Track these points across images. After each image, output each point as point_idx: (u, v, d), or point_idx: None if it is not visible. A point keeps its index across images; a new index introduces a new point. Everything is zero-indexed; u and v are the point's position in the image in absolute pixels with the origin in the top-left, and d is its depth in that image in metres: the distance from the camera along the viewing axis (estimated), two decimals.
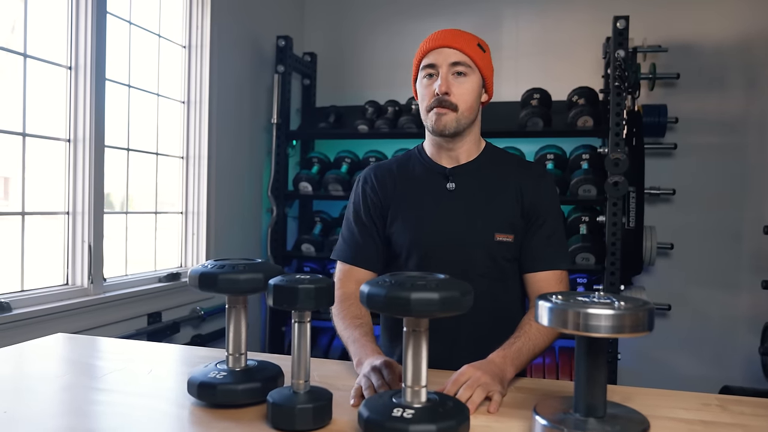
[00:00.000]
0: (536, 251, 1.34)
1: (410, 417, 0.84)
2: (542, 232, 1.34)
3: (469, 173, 1.38)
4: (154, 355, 1.37)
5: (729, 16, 3.27)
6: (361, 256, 1.40)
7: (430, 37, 1.34)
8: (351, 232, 1.43)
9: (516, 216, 1.35)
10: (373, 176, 1.44)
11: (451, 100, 1.29)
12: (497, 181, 1.37)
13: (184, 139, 2.88)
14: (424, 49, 1.33)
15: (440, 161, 1.39)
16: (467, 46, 1.30)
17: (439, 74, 1.30)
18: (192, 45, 2.88)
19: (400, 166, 1.44)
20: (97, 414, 0.99)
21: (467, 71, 1.30)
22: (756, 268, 3.18)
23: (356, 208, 1.43)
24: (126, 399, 1.05)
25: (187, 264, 2.89)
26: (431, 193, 1.38)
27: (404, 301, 0.83)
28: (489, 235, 1.33)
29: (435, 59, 1.30)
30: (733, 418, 1.00)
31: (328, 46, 3.85)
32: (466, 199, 1.35)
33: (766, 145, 3.25)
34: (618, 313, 0.83)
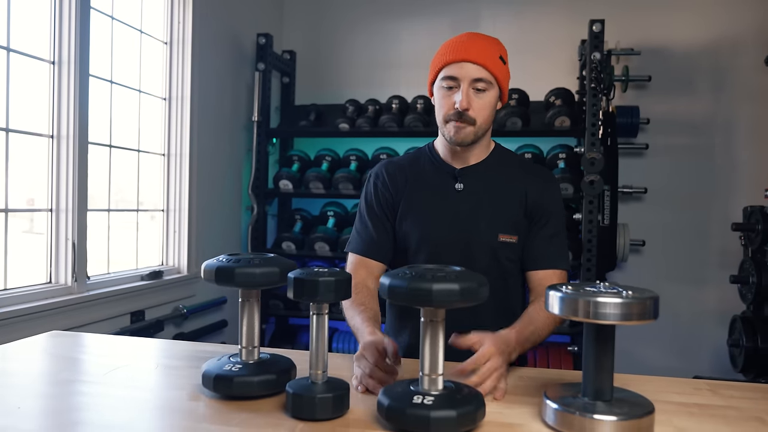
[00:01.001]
0: (539, 250, 1.38)
1: (430, 403, 0.88)
2: (545, 232, 1.39)
3: (477, 174, 1.41)
4: (154, 351, 1.37)
5: (698, 22, 3.39)
6: (374, 247, 1.43)
7: (454, 44, 1.33)
8: (364, 225, 1.46)
9: (520, 217, 1.39)
10: (385, 172, 1.47)
11: (471, 114, 1.31)
12: (504, 183, 1.41)
13: (165, 136, 2.86)
14: (446, 58, 1.33)
15: (450, 162, 1.43)
16: (489, 60, 1.31)
17: (459, 87, 1.31)
18: (173, 41, 2.85)
19: (411, 163, 1.47)
20: (113, 408, 0.99)
21: (487, 87, 1.32)
22: (722, 264, 3.32)
23: (368, 202, 1.47)
24: (138, 393, 1.06)
25: (168, 262, 2.87)
26: (440, 193, 1.41)
27: (426, 292, 0.86)
28: (493, 235, 1.37)
29: (457, 73, 1.31)
30: (725, 401, 1.06)
31: (307, 44, 3.86)
32: (472, 200, 1.39)
33: (732, 147, 3.39)
34: (626, 302, 0.87)
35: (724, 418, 0.98)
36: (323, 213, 3.52)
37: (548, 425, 0.93)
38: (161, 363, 1.25)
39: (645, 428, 0.89)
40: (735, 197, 3.32)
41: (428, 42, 3.77)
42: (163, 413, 0.96)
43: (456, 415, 0.86)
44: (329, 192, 3.35)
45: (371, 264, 1.42)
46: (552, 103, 3.22)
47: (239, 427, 0.91)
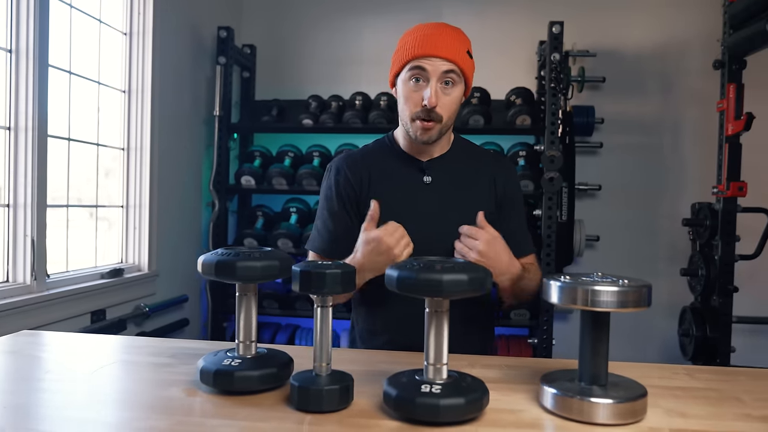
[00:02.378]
0: (511, 239, 1.39)
1: (439, 392, 0.89)
2: (514, 221, 1.44)
3: (443, 166, 1.42)
4: (134, 348, 1.33)
5: (649, 26, 3.55)
6: (334, 246, 1.41)
7: (421, 37, 1.31)
8: (324, 224, 1.44)
9: (491, 206, 1.41)
10: (347, 167, 1.44)
11: (438, 111, 1.31)
12: (471, 173, 1.42)
13: (125, 130, 2.77)
14: (414, 52, 1.30)
15: (414, 154, 1.43)
16: (458, 55, 1.31)
17: (428, 82, 1.30)
18: (133, 32, 2.77)
19: (373, 156, 1.45)
20: (109, 406, 0.96)
21: (455, 80, 1.32)
22: (671, 258, 3.48)
23: (329, 199, 1.43)
24: (132, 391, 1.03)
25: (128, 259, 2.79)
26: (408, 186, 1.41)
27: (436, 283, 0.87)
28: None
29: (427, 67, 1.29)
30: (704, 384, 1.12)
31: (267, 38, 3.81)
32: (441, 192, 1.40)
33: (679, 147, 3.56)
34: (623, 290, 0.92)
35: (707, 399, 1.04)
36: (286, 209, 3.49)
37: (547, 410, 0.96)
38: (146, 360, 1.22)
39: (639, 410, 0.93)
40: (682, 194, 3.49)
41: (390, 39, 3.75)
42: (163, 410, 0.94)
43: (464, 402, 0.89)
44: (293, 188, 3.33)
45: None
46: (513, 102, 3.30)
47: (246, 421, 0.90)
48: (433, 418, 0.88)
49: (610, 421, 0.91)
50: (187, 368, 1.15)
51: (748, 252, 2.98)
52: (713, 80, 3.11)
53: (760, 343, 3.38)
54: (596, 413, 0.91)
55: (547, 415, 0.95)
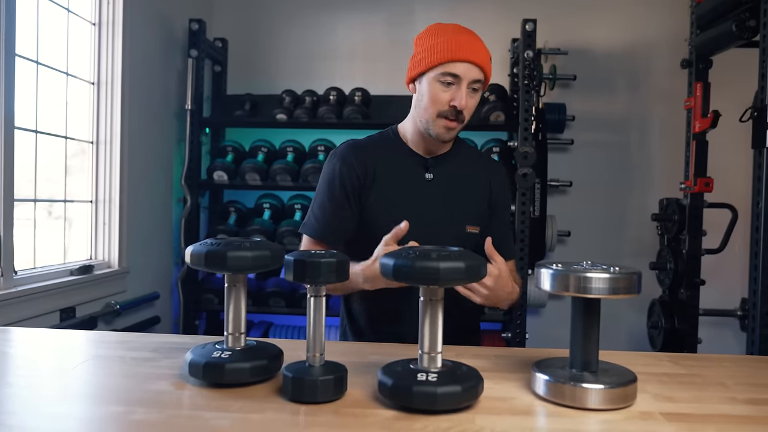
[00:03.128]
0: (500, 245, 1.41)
1: (435, 380, 0.89)
2: (502, 226, 1.48)
3: (445, 165, 1.45)
4: (113, 343, 1.29)
5: (618, 26, 3.62)
6: (329, 232, 1.42)
7: (452, 41, 1.33)
8: (322, 209, 1.44)
9: (484, 209, 1.45)
10: (353, 157, 1.44)
11: (464, 113, 1.36)
12: (469, 174, 1.46)
13: (94, 123, 2.70)
14: (449, 55, 1.32)
15: (419, 150, 1.45)
16: (486, 62, 1.35)
17: (459, 86, 1.33)
18: (102, 22, 2.69)
19: (378, 148, 1.46)
20: (97, 401, 0.94)
21: (480, 87, 1.37)
22: (639, 253, 3.56)
23: (330, 185, 1.44)
24: (118, 385, 1.00)
25: (97, 256, 2.71)
26: (410, 181, 1.43)
27: (434, 270, 0.87)
28: (461, 226, 1.42)
29: (461, 72, 1.32)
30: (687, 370, 1.15)
31: (239, 32, 3.76)
32: (442, 190, 1.42)
33: (646, 144, 3.64)
34: (614, 277, 0.93)
35: (692, 384, 1.06)
36: (259, 205, 3.45)
37: (539, 396, 0.97)
38: (128, 355, 1.18)
39: (630, 395, 0.95)
40: (649, 190, 3.57)
41: (364, 35, 3.80)
42: (154, 404, 0.91)
43: (461, 390, 0.89)
44: (266, 183, 3.29)
45: (324, 248, 1.40)
46: (487, 98, 3.32)
47: (240, 413, 0.88)
48: (430, 406, 0.88)
49: (602, 406, 0.92)
50: (172, 362, 1.13)
51: (713, 246, 3.07)
52: (680, 79, 3.19)
53: (725, 335, 3.49)
54: (588, 398, 0.93)
55: (540, 402, 0.96)
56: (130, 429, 0.83)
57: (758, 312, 2.28)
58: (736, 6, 2.50)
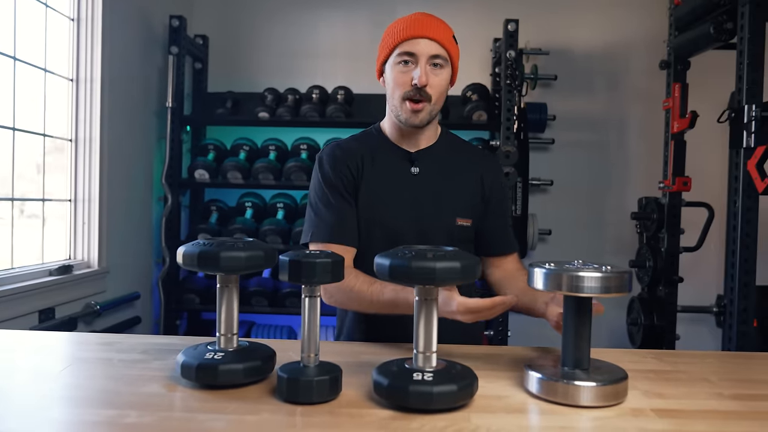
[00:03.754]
0: (501, 236, 1.45)
1: (431, 379, 0.90)
2: (502, 218, 1.46)
3: (431, 158, 1.43)
4: (98, 345, 1.27)
5: (598, 27, 3.66)
6: (342, 232, 1.36)
7: (408, 22, 1.34)
8: (329, 208, 1.38)
9: (476, 201, 1.43)
10: (341, 154, 1.42)
11: (428, 91, 1.32)
12: (459, 167, 1.44)
13: (72, 120, 2.65)
14: (402, 35, 1.32)
15: (402, 145, 1.43)
16: (445, 38, 1.33)
17: (417, 64, 1.31)
18: (81, 18, 2.64)
19: (361, 146, 1.44)
20: (88, 405, 0.92)
21: (443, 63, 1.34)
22: (618, 250, 3.61)
23: (328, 186, 1.40)
24: (108, 389, 0.99)
25: (76, 255, 2.66)
26: (396, 176, 1.41)
27: (430, 271, 0.88)
28: (451, 219, 1.40)
29: (415, 49, 1.31)
30: (673, 367, 1.17)
31: (220, 29, 3.72)
32: (429, 184, 1.41)
33: (625, 143, 3.70)
34: (606, 275, 0.94)
35: (678, 380, 1.08)
36: (241, 204, 3.42)
37: (532, 394, 0.98)
38: (116, 357, 1.17)
39: (621, 392, 0.96)
40: (629, 189, 3.63)
41: (345, 33, 3.79)
42: (146, 407, 0.90)
43: (457, 389, 0.89)
44: (248, 182, 3.27)
45: (340, 250, 1.33)
46: (469, 97, 3.34)
47: (235, 414, 0.88)
48: (426, 405, 0.88)
49: (595, 403, 0.94)
50: (162, 363, 1.11)
51: (690, 244, 3.13)
52: (658, 79, 3.24)
53: (701, 331, 3.56)
54: (581, 396, 0.94)
55: (533, 400, 0.97)
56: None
57: (735, 309, 2.33)
58: (714, 9, 2.55)
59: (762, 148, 2.23)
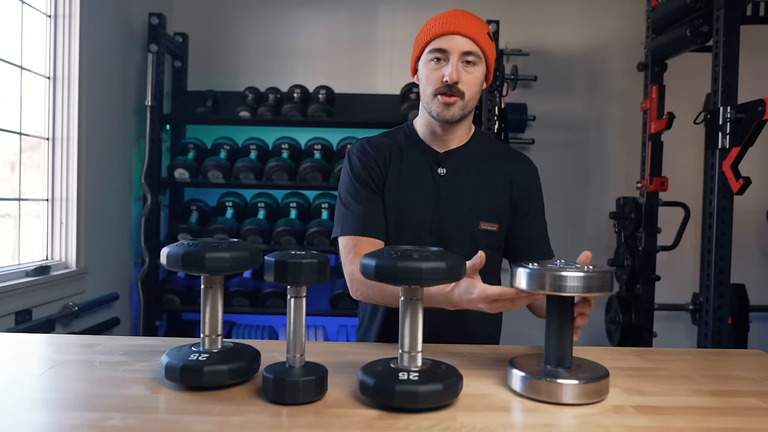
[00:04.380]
0: (534, 241, 1.41)
1: (417, 379, 0.90)
2: (536, 222, 1.42)
3: (459, 159, 1.39)
4: (78, 347, 1.25)
5: (576, 29, 3.70)
6: (372, 226, 1.35)
7: (441, 18, 1.31)
8: (360, 202, 1.37)
9: (503, 205, 1.39)
10: (371, 149, 1.41)
11: (460, 87, 1.30)
12: (487, 169, 1.39)
13: (50, 119, 2.61)
14: (434, 32, 1.30)
15: (432, 144, 1.40)
16: (479, 34, 1.30)
17: (449, 60, 1.29)
18: (58, 15, 2.60)
19: (391, 142, 1.42)
20: (73, 405, 0.91)
21: (476, 61, 1.31)
22: (597, 249, 3.64)
23: (358, 180, 1.38)
24: (90, 391, 0.97)
25: (53, 256, 2.62)
26: (422, 176, 1.38)
27: (416, 271, 0.88)
28: (474, 223, 1.36)
29: (447, 45, 1.29)
30: (653, 364, 1.19)
31: (200, 28, 3.69)
32: (454, 186, 1.37)
33: (603, 143, 3.75)
34: (588, 275, 0.96)
35: (659, 377, 1.11)
36: (221, 203, 3.39)
37: (516, 392, 0.99)
38: (98, 359, 1.15)
39: (603, 390, 0.98)
40: (607, 189, 3.68)
41: (326, 33, 3.78)
42: (130, 409, 0.89)
43: (443, 388, 0.90)
44: (229, 182, 3.25)
45: (373, 243, 1.32)
46: None
47: (221, 416, 0.87)
48: (412, 404, 0.89)
49: (577, 400, 0.95)
50: (145, 365, 1.11)
51: (667, 243, 3.18)
52: (636, 81, 3.29)
53: (677, 328, 3.63)
54: (564, 394, 0.95)
55: (517, 398, 0.98)
56: None
57: (711, 306, 2.37)
58: (690, 12, 2.59)
59: (737, 149, 2.28)
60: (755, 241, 3.66)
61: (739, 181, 2.25)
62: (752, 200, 3.25)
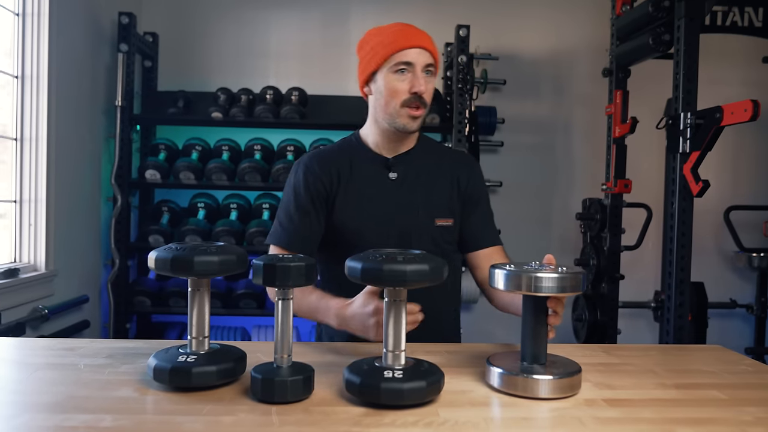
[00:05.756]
0: (479, 231, 1.49)
1: (401, 377, 0.94)
2: (480, 215, 1.51)
3: (408, 162, 1.47)
4: (60, 351, 1.25)
5: (544, 34, 3.80)
6: (298, 241, 1.42)
7: (398, 32, 1.37)
8: (290, 218, 1.44)
9: (454, 201, 1.47)
10: (317, 165, 1.46)
11: (425, 98, 1.38)
12: (434, 170, 1.48)
13: (18, 119, 2.56)
14: (398, 45, 1.35)
15: (381, 152, 1.47)
16: (433, 48, 1.40)
17: (414, 72, 1.36)
18: (26, 13, 2.56)
19: (341, 154, 1.48)
20: (62, 407, 0.92)
21: (434, 71, 1.40)
22: (564, 249, 3.77)
23: (297, 194, 1.44)
24: (79, 395, 0.98)
25: (22, 258, 2.58)
26: (375, 183, 1.45)
27: (401, 273, 0.92)
28: (430, 220, 1.44)
29: (413, 58, 1.36)
30: (621, 360, 1.26)
31: (170, 27, 3.66)
32: (407, 188, 1.45)
33: (570, 146, 3.85)
34: (561, 276, 1.01)
35: (626, 372, 1.17)
36: (193, 204, 3.38)
37: (494, 388, 1.04)
38: (82, 362, 1.16)
39: (576, 384, 1.04)
40: (574, 190, 3.78)
41: (298, 34, 3.79)
42: (121, 411, 0.91)
43: (426, 385, 0.94)
44: (201, 183, 3.23)
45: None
46: None
47: (212, 416, 0.90)
48: (397, 401, 0.93)
49: (552, 395, 1.01)
50: (130, 367, 1.12)
51: (630, 243, 3.30)
52: (601, 85, 3.40)
53: (640, 325, 3.76)
54: (539, 389, 1.01)
55: (495, 393, 1.03)
56: None
57: (672, 304, 2.48)
58: (652, 21, 2.70)
59: (696, 153, 2.38)
60: (713, 241, 3.81)
61: (699, 184, 2.36)
62: (710, 201, 3.38)
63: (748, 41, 3.09)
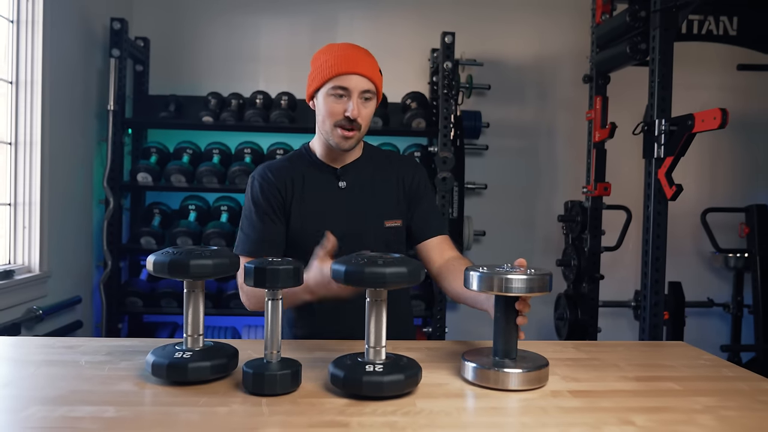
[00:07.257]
0: (424, 222, 1.58)
1: (381, 370, 1.03)
2: (425, 208, 1.60)
3: (356, 171, 1.57)
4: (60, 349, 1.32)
5: (527, 41, 3.89)
6: (265, 246, 1.49)
7: (340, 56, 1.43)
8: (252, 226, 1.51)
9: (401, 202, 1.58)
10: (271, 175, 1.54)
11: (359, 121, 1.45)
12: (380, 175, 1.58)
13: (12, 123, 2.62)
14: (336, 70, 1.42)
15: (330, 162, 1.56)
16: (374, 73, 1.46)
17: (350, 97, 1.43)
18: (21, 20, 2.62)
19: (292, 166, 1.56)
20: (67, 401, 0.99)
21: (372, 96, 1.47)
22: (546, 250, 3.87)
23: (256, 203, 1.52)
24: (81, 390, 1.06)
25: (16, 260, 2.64)
26: (326, 192, 1.54)
27: (381, 275, 1.00)
28: (379, 223, 1.54)
29: (348, 84, 1.42)
30: (588, 355, 1.35)
31: (161, 32, 3.71)
32: (356, 195, 1.55)
33: (552, 150, 3.95)
34: (530, 278, 1.10)
35: (592, 366, 1.26)
36: (184, 207, 3.44)
37: (468, 381, 1.13)
38: (81, 359, 1.23)
39: (543, 377, 1.12)
40: (556, 193, 3.88)
41: (288, 39, 3.86)
42: (123, 403, 0.98)
43: (404, 378, 1.03)
44: (192, 186, 3.30)
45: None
46: (409, 105, 3.49)
47: (207, 407, 0.98)
48: (377, 393, 1.01)
49: (521, 387, 1.09)
50: (129, 364, 1.19)
51: (611, 244, 3.40)
52: (582, 91, 3.50)
53: (620, 323, 3.86)
54: (509, 381, 1.09)
55: (469, 386, 1.12)
56: (109, 425, 0.90)
57: (648, 303, 2.57)
58: (630, 30, 2.79)
59: (670, 158, 2.48)
60: (691, 242, 3.93)
61: (673, 188, 2.45)
62: (688, 204, 3.50)
63: (723, 49, 3.20)
